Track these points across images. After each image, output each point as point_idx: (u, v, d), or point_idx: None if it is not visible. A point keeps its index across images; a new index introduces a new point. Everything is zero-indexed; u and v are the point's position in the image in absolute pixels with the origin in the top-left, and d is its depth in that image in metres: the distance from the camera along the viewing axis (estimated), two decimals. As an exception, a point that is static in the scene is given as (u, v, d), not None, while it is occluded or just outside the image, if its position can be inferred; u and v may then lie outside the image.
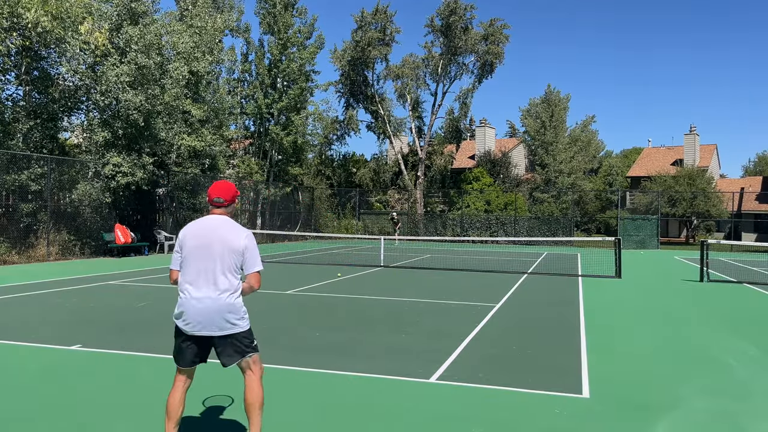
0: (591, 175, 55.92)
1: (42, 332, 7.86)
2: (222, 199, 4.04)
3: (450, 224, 37.47)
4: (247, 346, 3.99)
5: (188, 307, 3.89)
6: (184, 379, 4.08)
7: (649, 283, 15.23)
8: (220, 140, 25.82)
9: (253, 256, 3.95)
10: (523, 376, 6.13)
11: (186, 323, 3.91)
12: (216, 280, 3.87)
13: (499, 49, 39.90)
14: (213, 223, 3.99)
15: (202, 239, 3.92)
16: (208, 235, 3.92)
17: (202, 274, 3.89)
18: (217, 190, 4.05)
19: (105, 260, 19.05)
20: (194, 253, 3.91)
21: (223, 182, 4.12)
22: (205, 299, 3.86)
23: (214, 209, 4.07)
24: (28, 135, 19.73)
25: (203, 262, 3.88)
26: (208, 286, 3.87)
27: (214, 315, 3.85)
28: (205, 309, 3.85)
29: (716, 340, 8.22)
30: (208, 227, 3.96)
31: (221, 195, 4.03)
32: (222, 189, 4.06)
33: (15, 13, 17.85)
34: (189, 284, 3.91)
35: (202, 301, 3.86)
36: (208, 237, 3.92)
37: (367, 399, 5.38)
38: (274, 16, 33.29)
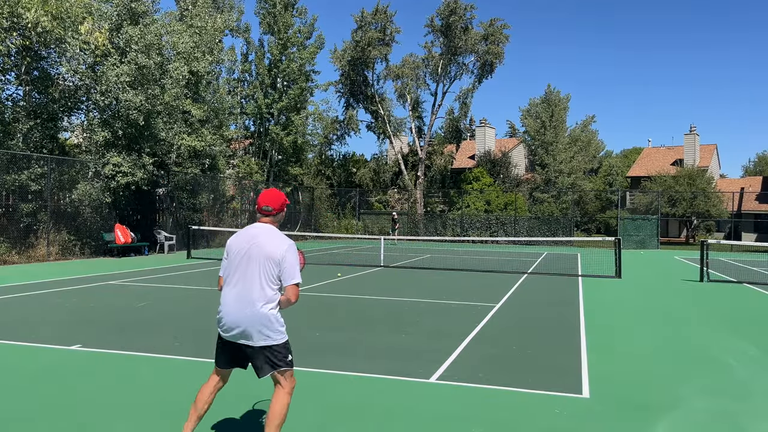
0: (591, 175, 55.91)
1: (42, 332, 7.86)
2: (270, 207, 3.97)
3: (450, 224, 37.46)
4: (280, 360, 3.89)
5: (225, 315, 3.90)
6: (217, 378, 4.09)
7: (649, 283, 15.23)
8: (220, 140, 25.82)
9: (290, 267, 3.84)
10: (523, 376, 6.13)
11: (223, 329, 3.94)
12: (252, 289, 3.83)
13: (499, 49, 39.90)
14: (255, 231, 3.95)
15: (243, 247, 3.91)
16: (249, 243, 3.90)
17: (240, 282, 3.87)
18: (266, 198, 3.99)
19: (105, 260, 19.05)
20: (236, 261, 3.91)
21: (272, 190, 4.06)
22: (241, 309, 3.84)
23: (261, 217, 4.01)
24: (28, 135, 19.73)
25: (243, 270, 3.87)
26: (245, 295, 3.85)
27: (248, 325, 3.82)
28: (240, 318, 3.84)
29: (716, 340, 8.22)
30: (251, 235, 3.94)
31: (270, 203, 3.97)
32: (271, 197, 3.99)
33: (15, 13, 17.84)
34: (228, 292, 3.93)
35: (239, 310, 3.84)
36: (249, 245, 3.89)
37: (367, 399, 5.38)
38: (274, 16, 33.30)
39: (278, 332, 3.88)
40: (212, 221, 27.07)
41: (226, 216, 29.45)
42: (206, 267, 17.32)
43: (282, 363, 3.90)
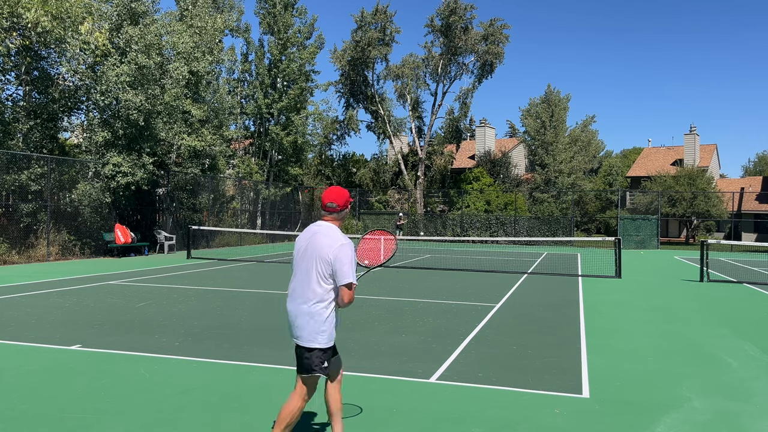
0: (591, 175, 55.89)
1: (42, 332, 7.86)
2: (335, 204, 3.90)
3: (450, 224, 37.46)
4: (316, 365, 3.83)
5: (288, 312, 3.94)
6: (297, 385, 3.94)
7: (649, 283, 15.22)
8: (220, 140, 25.82)
9: (342, 267, 3.73)
10: (523, 376, 6.13)
11: (289, 328, 3.96)
12: (305, 288, 3.82)
13: (499, 49, 39.89)
14: (316, 228, 3.92)
15: (302, 245, 3.92)
16: (308, 241, 3.89)
17: (297, 280, 3.89)
18: (331, 195, 3.92)
19: (105, 260, 19.05)
20: (296, 259, 3.94)
21: (336, 187, 3.99)
22: (294, 306, 3.87)
23: (325, 215, 3.95)
24: (28, 135, 19.73)
25: (300, 268, 3.89)
26: (299, 293, 3.86)
27: (298, 323, 3.83)
28: (293, 316, 3.87)
29: (716, 340, 8.22)
30: (311, 233, 3.92)
31: (334, 200, 3.90)
32: (336, 194, 3.92)
33: (15, 13, 17.84)
34: (290, 290, 3.96)
35: (295, 308, 3.87)
36: (307, 243, 3.89)
37: (367, 399, 5.38)
38: (274, 16, 33.30)
39: (322, 334, 3.80)
40: (212, 221, 27.07)
41: (226, 216, 29.45)
42: (206, 267, 17.32)
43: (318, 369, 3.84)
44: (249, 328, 8.37)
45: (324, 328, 3.79)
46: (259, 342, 7.52)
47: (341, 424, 4.02)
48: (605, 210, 45.97)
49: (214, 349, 7.09)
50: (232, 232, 27.76)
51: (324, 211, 3.94)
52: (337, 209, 3.91)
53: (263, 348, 7.21)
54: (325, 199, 3.92)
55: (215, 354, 6.84)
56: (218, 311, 9.72)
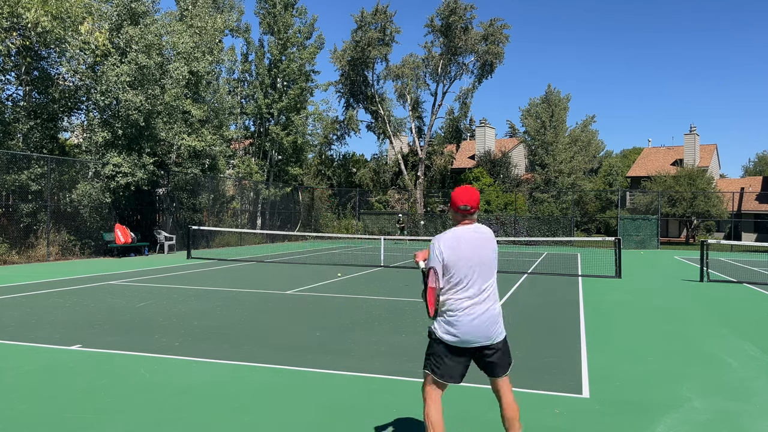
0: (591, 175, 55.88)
1: (42, 332, 7.86)
2: (469, 206, 3.76)
3: (450, 224, 37.40)
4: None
5: (479, 324, 3.78)
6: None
7: (649, 283, 15.22)
8: (220, 140, 25.83)
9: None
10: (523, 376, 6.13)
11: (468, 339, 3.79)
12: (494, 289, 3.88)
13: (499, 49, 39.90)
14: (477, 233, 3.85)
15: (470, 252, 3.79)
16: (477, 245, 3.82)
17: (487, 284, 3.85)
18: (464, 196, 3.77)
19: (105, 260, 19.05)
20: (469, 266, 3.79)
21: (468, 187, 3.82)
22: (489, 311, 3.83)
23: (464, 220, 3.82)
24: (28, 135, 19.73)
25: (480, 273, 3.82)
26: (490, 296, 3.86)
27: (495, 322, 3.85)
28: (489, 322, 3.82)
29: (716, 339, 8.21)
30: (475, 237, 3.82)
31: (468, 202, 3.76)
32: (470, 195, 3.78)
33: (15, 13, 17.84)
34: (474, 299, 3.80)
35: (489, 313, 3.83)
36: (478, 248, 3.81)
37: (367, 399, 5.38)
38: (274, 16, 33.30)
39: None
40: (212, 221, 27.07)
41: (226, 216, 29.45)
42: (206, 267, 17.32)
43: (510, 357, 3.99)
44: (249, 328, 8.37)
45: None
46: (259, 342, 7.52)
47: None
48: (605, 210, 45.97)
49: (214, 349, 7.09)
50: (232, 232, 27.76)
51: (458, 213, 3.79)
52: (472, 211, 3.78)
53: (263, 348, 7.20)
54: (459, 201, 3.75)
55: (215, 354, 6.84)
56: (218, 311, 9.72)
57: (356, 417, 4.91)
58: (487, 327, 3.74)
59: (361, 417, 4.91)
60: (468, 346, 3.75)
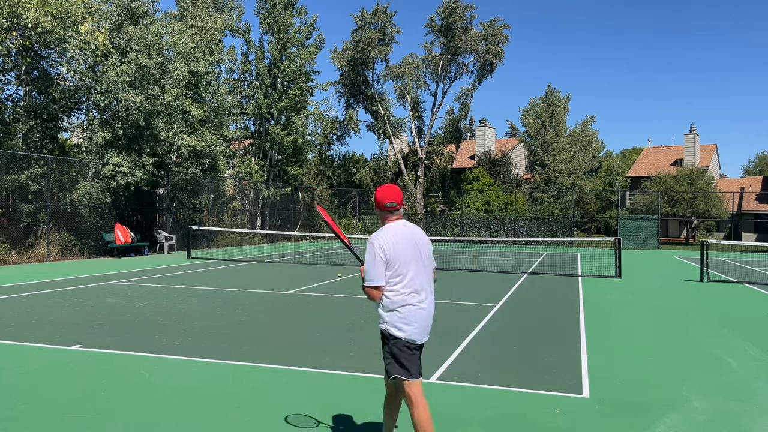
0: (591, 175, 55.87)
1: (42, 332, 7.86)
2: (395, 203, 3.89)
3: (450, 224, 37.45)
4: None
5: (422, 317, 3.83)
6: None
7: (649, 283, 15.22)
8: (220, 140, 25.82)
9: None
10: (523, 376, 6.13)
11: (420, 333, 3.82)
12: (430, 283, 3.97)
13: (499, 49, 39.88)
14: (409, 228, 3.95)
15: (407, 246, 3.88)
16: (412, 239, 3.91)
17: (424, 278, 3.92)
18: (389, 194, 3.89)
19: (105, 260, 19.05)
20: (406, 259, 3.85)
21: (391, 186, 3.96)
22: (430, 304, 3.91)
23: (390, 216, 3.93)
24: (28, 135, 19.73)
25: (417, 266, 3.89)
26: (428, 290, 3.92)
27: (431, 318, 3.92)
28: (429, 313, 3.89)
29: (716, 339, 8.22)
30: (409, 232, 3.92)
31: (394, 199, 3.88)
32: (394, 192, 3.91)
33: (15, 13, 17.84)
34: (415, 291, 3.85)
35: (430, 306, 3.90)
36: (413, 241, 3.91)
37: (367, 399, 5.37)
38: (274, 16, 33.29)
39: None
40: (212, 221, 27.07)
41: (226, 216, 29.45)
42: (206, 267, 17.32)
43: None
44: (249, 328, 8.37)
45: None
46: (259, 342, 7.52)
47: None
48: (605, 210, 45.96)
49: (214, 349, 7.09)
50: (232, 232, 27.75)
51: (384, 211, 3.89)
52: (398, 207, 3.89)
53: (263, 348, 7.21)
54: (384, 199, 3.86)
55: (215, 354, 6.84)
56: (218, 311, 9.72)
57: (356, 417, 4.91)
58: (429, 321, 3.84)
59: (361, 417, 4.91)
60: (421, 340, 3.81)
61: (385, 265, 3.74)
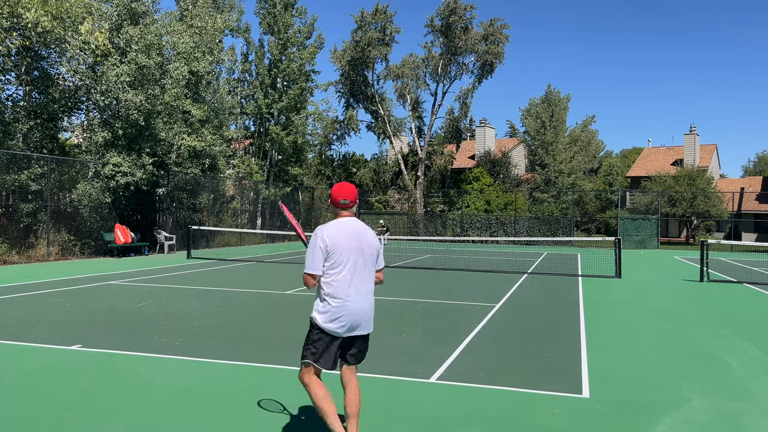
0: (591, 175, 55.88)
1: (42, 332, 7.86)
2: (348, 200, 4.04)
3: (450, 224, 37.46)
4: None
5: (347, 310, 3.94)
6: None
7: (649, 283, 15.22)
8: (220, 140, 25.82)
9: (381, 254, 4.17)
10: (523, 376, 6.13)
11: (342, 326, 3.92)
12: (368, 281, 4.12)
13: (499, 49, 39.90)
14: (355, 225, 4.08)
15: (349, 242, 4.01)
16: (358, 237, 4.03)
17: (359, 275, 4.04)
18: (343, 192, 4.04)
19: (105, 260, 19.05)
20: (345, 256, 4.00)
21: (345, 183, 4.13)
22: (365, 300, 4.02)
23: (342, 212, 4.09)
24: (28, 135, 19.73)
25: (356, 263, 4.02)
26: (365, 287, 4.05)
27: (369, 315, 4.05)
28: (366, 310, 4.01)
29: (716, 339, 8.21)
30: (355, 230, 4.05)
31: (347, 196, 4.03)
32: (348, 190, 4.06)
33: (15, 13, 17.84)
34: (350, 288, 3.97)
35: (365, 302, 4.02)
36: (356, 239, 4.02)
37: (367, 399, 5.37)
38: (274, 16, 33.29)
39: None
40: (212, 221, 27.07)
41: (226, 216, 29.45)
42: (206, 267, 17.32)
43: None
44: (249, 328, 8.37)
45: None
46: (259, 342, 7.52)
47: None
48: (605, 210, 45.97)
49: (214, 349, 7.09)
50: (232, 232, 27.75)
51: (338, 207, 4.04)
52: (351, 205, 4.04)
53: (263, 348, 7.20)
54: (338, 196, 4.00)
55: (215, 354, 6.84)
56: (218, 311, 9.72)
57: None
58: (366, 315, 3.95)
59: (361, 417, 4.91)
60: (346, 334, 3.91)
61: (325, 256, 3.88)
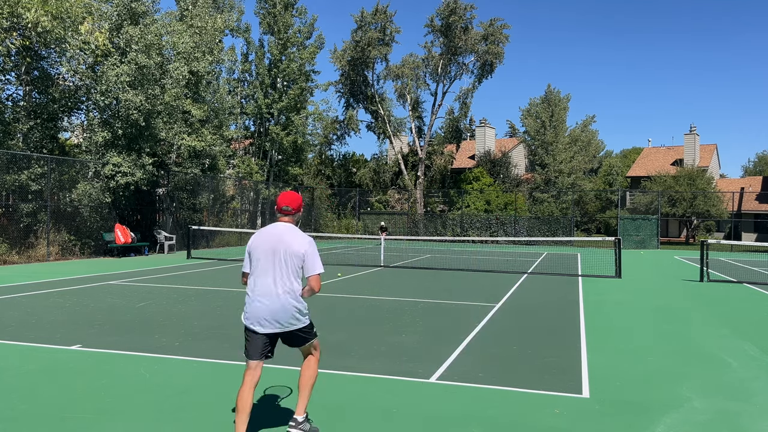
0: (591, 175, 55.88)
1: (42, 332, 7.86)
2: (290, 207, 4.32)
3: (450, 224, 37.46)
4: (310, 335, 4.45)
5: (256, 308, 4.18)
6: (253, 374, 4.24)
7: (649, 283, 15.22)
8: (220, 140, 25.81)
9: (312, 260, 4.23)
10: (523, 376, 6.13)
11: (254, 322, 4.19)
12: (279, 282, 4.18)
13: (499, 49, 39.91)
14: (279, 229, 4.29)
15: (268, 245, 4.22)
16: (274, 240, 4.23)
17: (268, 276, 4.19)
18: (286, 199, 4.33)
19: (105, 260, 19.05)
20: (261, 257, 4.22)
21: (290, 192, 4.42)
22: (272, 301, 4.17)
23: (282, 216, 4.36)
24: (28, 135, 19.72)
25: (269, 265, 4.19)
26: (274, 288, 4.18)
27: (281, 315, 4.19)
28: (273, 310, 4.18)
29: (716, 339, 8.22)
30: (275, 233, 4.27)
31: (289, 204, 4.32)
32: (290, 198, 4.35)
33: (15, 13, 17.84)
34: (256, 286, 4.20)
35: (271, 302, 4.17)
36: (274, 242, 4.22)
37: (367, 399, 5.38)
38: (274, 16, 33.29)
39: (305, 316, 4.34)
40: (212, 221, 27.07)
41: (226, 216, 29.45)
42: (206, 267, 17.32)
43: (311, 336, 4.45)
44: (249, 328, 8.36)
45: (305, 310, 4.34)
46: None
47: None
48: (605, 210, 45.98)
49: (214, 349, 7.09)
50: (232, 232, 27.75)
51: (280, 213, 4.35)
52: (292, 212, 4.34)
53: (263, 348, 7.20)
54: (281, 202, 4.33)
55: (215, 354, 6.84)
56: (218, 311, 9.72)
57: (356, 417, 4.91)
58: (278, 314, 4.16)
59: (360, 417, 4.91)
60: (257, 330, 4.17)
61: (249, 257, 4.30)
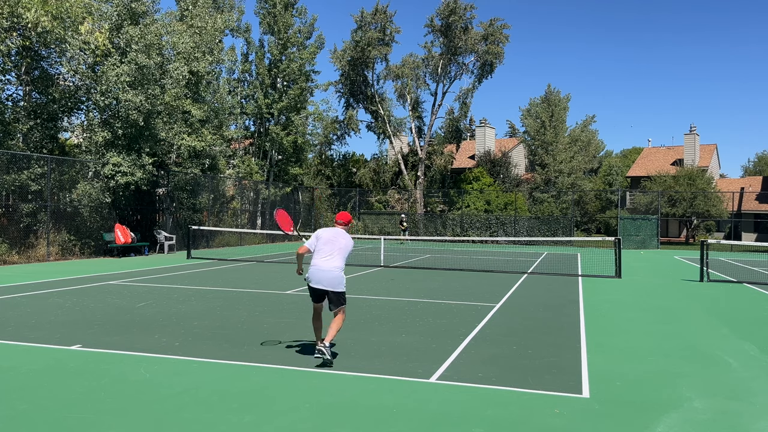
0: (591, 175, 55.88)
1: (42, 332, 7.86)
2: (343, 221, 7.13)
3: (450, 224, 37.46)
4: (343, 301, 6.82)
5: (317, 273, 6.72)
6: (319, 309, 6.92)
7: (649, 283, 15.23)
8: (220, 140, 25.80)
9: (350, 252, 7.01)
10: (523, 376, 6.13)
11: (314, 282, 6.73)
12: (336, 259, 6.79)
13: (499, 48, 39.88)
14: (338, 230, 7.02)
15: (330, 236, 6.87)
16: (334, 234, 6.91)
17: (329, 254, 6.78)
18: (343, 217, 7.16)
19: (105, 260, 19.05)
20: (324, 242, 6.83)
21: (346, 213, 7.22)
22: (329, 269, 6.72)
23: (339, 225, 7.11)
24: (28, 135, 19.73)
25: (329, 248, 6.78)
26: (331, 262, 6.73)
27: (331, 280, 6.71)
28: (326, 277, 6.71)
29: (716, 339, 8.22)
30: (335, 231, 6.97)
31: (343, 219, 7.15)
32: (345, 218, 7.17)
33: (15, 13, 17.84)
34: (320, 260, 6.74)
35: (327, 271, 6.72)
36: (334, 235, 6.89)
37: (367, 399, 5.38)
38: (274, 16, 33.30)
39: (343, 285, 6.75)
40: (212, 221, 27.07)
41: (226, 216, 29.45)
42: (206, 267, 17.32)
43: (343, 302, 6.80)
44: (249, 328, 8.37)
45: (344, 282, 6.82)
46: (259, 342, 7.53)
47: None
48: (605, 210, 45.97)
49: (214, 349, 7.10)
50: (232, 232, 27.75)
51: (337, 223, 7.11)
52: (344, 224, 7.10)
53: (263, 348, 7.21)
54: (339, 219, 7.14)
55: (215, 354, 6.85)
56: (218, 311, 9.73)
57: (356, 417, 4.91)
58: (329, 279, 6.65)
59: (361, 417, 4.91)
60: (316, 286, 6.71)
61: (316, 240, 6.83)
